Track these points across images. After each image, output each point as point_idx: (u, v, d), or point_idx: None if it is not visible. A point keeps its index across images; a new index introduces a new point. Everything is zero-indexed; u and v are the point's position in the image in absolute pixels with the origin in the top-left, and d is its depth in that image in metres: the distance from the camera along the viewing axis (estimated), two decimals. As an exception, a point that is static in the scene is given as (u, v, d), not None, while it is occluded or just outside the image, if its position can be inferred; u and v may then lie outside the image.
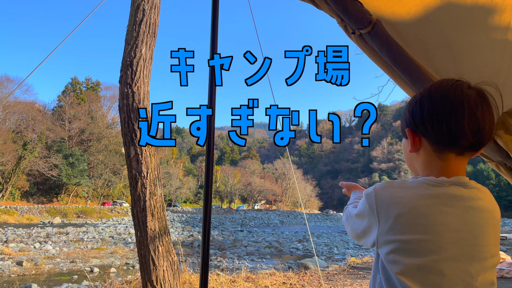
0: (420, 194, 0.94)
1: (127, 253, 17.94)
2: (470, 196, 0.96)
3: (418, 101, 1.02)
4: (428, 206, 0.92)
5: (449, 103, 0.95)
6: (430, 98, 0.99)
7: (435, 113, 0.97)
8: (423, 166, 1.03)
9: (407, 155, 1.11)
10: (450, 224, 0.91)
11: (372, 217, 0.97)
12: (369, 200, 0.99)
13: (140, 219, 5.01)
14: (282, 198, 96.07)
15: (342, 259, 16.20)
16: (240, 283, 6.80)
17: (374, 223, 0.97)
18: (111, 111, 73.47)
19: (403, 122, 1.09)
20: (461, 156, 0.99)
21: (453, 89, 0.97)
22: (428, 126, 0.98)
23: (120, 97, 5.30)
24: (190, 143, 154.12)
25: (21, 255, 15.75)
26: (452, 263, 0.89)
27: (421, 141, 1.02)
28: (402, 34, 1.92)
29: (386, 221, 0.93)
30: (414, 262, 0.89)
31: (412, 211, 0.91)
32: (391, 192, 0.96)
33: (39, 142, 53.36)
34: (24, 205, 48.56)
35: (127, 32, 5.49)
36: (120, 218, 47.52)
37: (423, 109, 0.99)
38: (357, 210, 1.06)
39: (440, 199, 0.93)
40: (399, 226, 0.91)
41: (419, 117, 1.00)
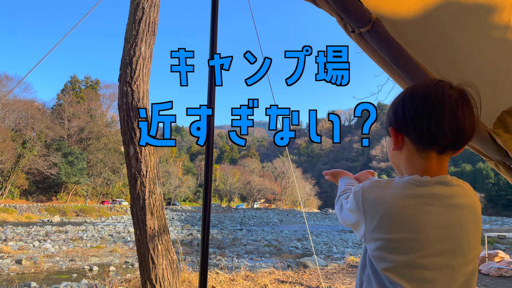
0: (404, 194, 0.96)
1: (126, 251, 17.94)
2: (452, 194, 0.99)
3: (401, 101, 1.04)
4: (412, 206, 0.95)
5: (430, 102, 0.98)
6: (412, 97, 1.02)
7: (416, 112, 0.99)
8: (406, 164, 1.06)
9: (390, 153, 1.14)
10: (433, 222, 0.94)
11: (359, 214, 1.01)
12: (356, 198, 1.02)
13: (139, 217, 5.01)
14: (281, 197, 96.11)
15: (341, 258, 16.22)
16: (239, 282, 6.80)
17: (361, 220, 1.00)
18: (110, 109, 73.43)
19: (387, 120, 1.11)
20: (442, 155, 1.02)
21: (435, 89, 0.99)
22: (410, 125, 1.00)
23: (119, 96, 5.29)
24: (189, 142, 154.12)
25: (20, 254, 15.75)
26: (435, 258, 0.93)
27: (403, 140, 1.05)
28: (402, 32, 1.92)
29: (372, 220, 0.97)
30: (399, 259, 0.93)
31: (397, 211, 0.94)
32: (377, 192, 0.99)
33: (38, 141, 53.32)
34: (23, 203, 48.55)
35: (127, 30, 5.48)
36: (120, 217, 47.52)
37: (405, 108, 1.02)
38: (347, 204, 1.09)
39: (424, 199, 0.96)
40: (384, 225, 0.95)
41: (401, 116, 1.03)
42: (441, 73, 1.97)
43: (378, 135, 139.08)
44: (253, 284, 6.64)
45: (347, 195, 1.18)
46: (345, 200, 1.14)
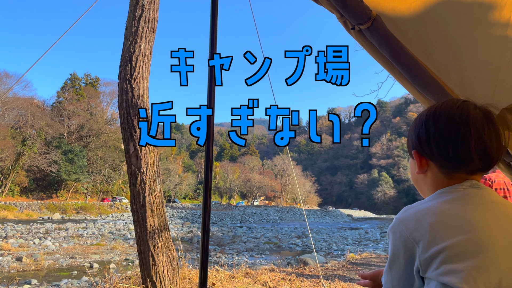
0: (441, 201, 0.92)
1: (127, 248, 17.98)
2: (487, 193, 0.94)
3: (424, 123, 0.99)
4: (454, 208, 0.90)
5: (455, 126, 0.93)
6: (435, 120, 0.97)
7: (441, 136, 0.95)
8: (432, 187, 1.01)
9: (414, 176, 1.08)
10: (484, 219, 0.88)
11: (408, 244, 0.88)
12: (396, 230, 0.91)
13: (139, 215, 5.02)
14: (281, 194, 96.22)
15: (341, 255, 16.26)
16: (239, 279, 6.82)
17: (413, 248, 0.87)
18: (110, 107, 73.38)
19: (409, 142, 1.06)
20: (472, 175, 0.97)
21: (459, 112, 0.95)
22: (434, 149, 0.96)
23: (119, 93, 5.29)
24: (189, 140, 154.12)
25: (20, 251, 15.78)
26: (505, 257, 0.84)
27: (428, 164, 1.00)
28: (402, 29, 1.91)
29: (422, 236, 0.86)
30: (470, 265, 0.81)
31: (443, 215, 0.88)
32: (414, 210, 0.92)
33: (38, 138, 53.33)
34: (23, 201, 48.61)
35: (126, 28, 5.47)
36: (120, 214, 47.59)
37: (429, 132, 0.97)
38: (388, 261, 0.95)
39: (463, 200, 0.92)
40: (437, 234, 0.85)
41: (425, 139, 0.98)
42: (441, 70, 1.97)
43: (378, 133, 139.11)
44: (253, 281, 6.65)
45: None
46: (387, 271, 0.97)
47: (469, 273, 0.80)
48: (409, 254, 0.88)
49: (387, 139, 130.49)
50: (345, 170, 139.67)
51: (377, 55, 2.01)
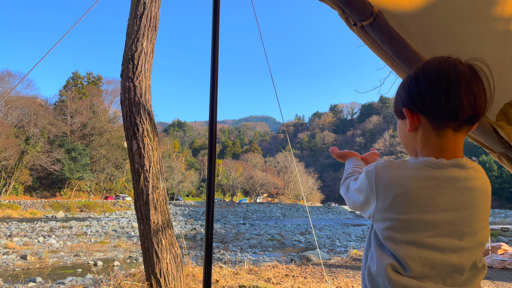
0: (419, 176, 0.97)
1: (130, 246, 18.05)
2: (466, 177, 0.99)
3: (414, 79, 1.03)
4: (426, 188, 0.96)
5: (445, 77, 0.97)
6: (426, 74, 1.01)
7: (432, 88, 0.99)
8: (422, 145, 1.06)
9: (403, 136, 1.13)
10: (446, 204, 0.96)
11: (371, 193, 1.01)
12: (369, 177, 1.02)
13: (143, 212, 5.04)
14: (284, 191, 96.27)
15: (344, 251, 16.26)
16: (243, 275, 6.84)
17: (372, 199, 1.01)
18: (112, 105, 73.54)
19: (399, 102, 1.09)
20: (458, 133, 1.02)
21: (447, 65, 0.99)
22: (427, 101, 0.99)
23: (121, 91, 5.30)
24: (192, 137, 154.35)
25: (25, 249, 15.87)
26: (444, 238, 0.95)
27: (419, 119, 1.04)
28: (404, 25, 1.91)
29: (384, 200, 0.98)
30: (408, 238, 0.95)
31: (411, 192, 0.95)
32: (392, 172, 0.99)
33: (41, 137, 53.49)
34: (27, 199, 48.82)
35: (128, 26, 5.47)
36: (123, 212, 47.73)
37: (419, 86, 1.01)
38: (356, 185, 1.09)
39: (438, 181, 0.97)
40: (397, 205, 0.96)
41: (416, 94, 1.01)
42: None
43: (381, 129, 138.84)
44: (256, 278, 6.67)
45: (355, 177, 1.18)
46: (353, 181, 1.15)
47: (404, 244, 0.94)
48: (370, 198, 1.02)
49: (390, 135, 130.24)
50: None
51: (379, 51, 2.01)
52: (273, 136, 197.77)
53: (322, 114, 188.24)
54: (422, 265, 0.94)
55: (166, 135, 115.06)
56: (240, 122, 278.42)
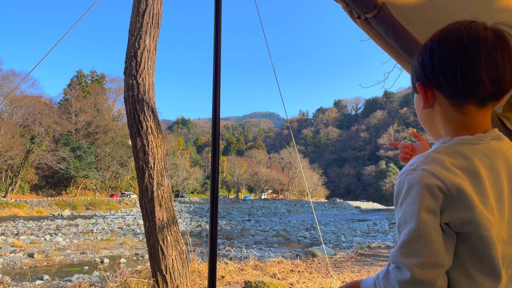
0: (466, 155, 0.82)
1: (136, 243, 18.14)
2: (507, 148, 0.88)
3: (428, 49, 0.90)
4: (480, 168, 0.81)
5: (463, 48, 0.83)
6: (441, 44, 0.87)
7: (447, 61, 0.85)
8: (444, 122, 0.92)
9: (421, 112, 0.99)
10: (501, 180, 0.83)
11: (445, 200, 0.78)
12: (431, 185, 0.78)
13: (148, 209, 5.05)
14: (288, 187, 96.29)
15: (349, 247, 16.26)
16: (248, 271, 6.85)
17: (449, 207, 0.78)
18: (116, 103, 73.72)
19: (413, 75, 0.97)
20: (483, 108, 0.88)
21: (467, 32, 0.84)
22: (441, 76, 0.87)
23: (125, 89, 5.31)
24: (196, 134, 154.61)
25: (32, 247, 15.99)
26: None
27: (434, 95, 0.92)
28: (408, 17, 1.89)
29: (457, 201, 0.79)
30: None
31: (474, 177, 0.80)
32: (440, 166, 0.80)
33: (46, 136, 53.78)
34: (33, 198, 49.15)
35: (131, 23, 5.47)
36: (129, 210, 47.96)
37: (433, 57, 0.88)
38: (416, 214, 0.78)
39: (487, 157, 0.83)
40: (465, 197, 0.78)
41: (429, 67, 0.89)
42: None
43: (385, 124, 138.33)
44: (262, 274, 6.68)
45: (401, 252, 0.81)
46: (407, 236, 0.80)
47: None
48: (446, 205, 0.79)
49: (395, 130, 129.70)
50: (352, 162, 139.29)
51: (384, 43, 1.99)
52: (277, 132, 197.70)
53: (326, 110, 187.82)
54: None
55: (170, 133, 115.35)
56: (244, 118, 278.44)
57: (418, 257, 0.75)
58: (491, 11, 1.77)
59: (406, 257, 0.77)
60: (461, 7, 1.80)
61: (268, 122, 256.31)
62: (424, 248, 0.76)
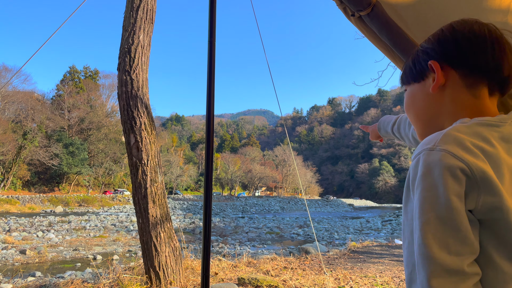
0: (487, 137, 0.77)
1: (130, 240, 18.09)
2: None
3: (448, 32, 0.88)
4: (499, 152, 0.76)
5: (487, 30, 0.84)
6: (464, 26, 0.86)
7: (475, 38, 0.83)
8: (455, 107, 0.87)
9: (421, 102, 0.93)
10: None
11: (468, 183, 0.71)
12: (453, 167, 0.71)
13: (141, 206, 5.04)
14: (282, 184, 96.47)
15: (342, 244, 16.34)
16: (242, 268, 6.87)
17: (473, 189, 0.71)
18: (110, 99, 73.33)
19: (420, 58, 0.92)
20: (492, 97, 0.87)
21: (481, 22, 0.86)
22: (468, 52, 0.84)
23: (118, 85, 5.28)
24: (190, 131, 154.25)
25: (24, 244, 15.88)
26: None
27: (447, 76, 0.87)
28: (402, 15, 1.90)
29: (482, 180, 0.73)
30: None
31: (494, 161, 0.74)
32: (462, 147, 0.74)
33: (39, 132, 53.38)
34: (25, 194, 48.80)
35: (125, 19, 5.43)
36: (122, 206, 47.79)
37: (457, 36, 0.85)
38: (443, 198, 0.70)
39: (505, 141, 0.78)
40: (489, 181, 0.72)
41: (453, 44, 0.85)
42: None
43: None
44: (255, 270, 6.70)
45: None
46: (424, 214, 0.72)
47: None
48: (471, 190, 0.72)
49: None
50: (346, 160, 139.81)
51: (378, 41, 2.00)
52: (271, 130, 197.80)
53: (320, 108, 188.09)
54: None
55: (164, 129, 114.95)
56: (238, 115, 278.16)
57: (444, 247, 0.69)
58: (484, 11, 1.78)
59: (429, 248, 0.70)
60: (455, 6, 1.81)
61: (262, 120, 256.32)
62: (450, 237, 0.69)
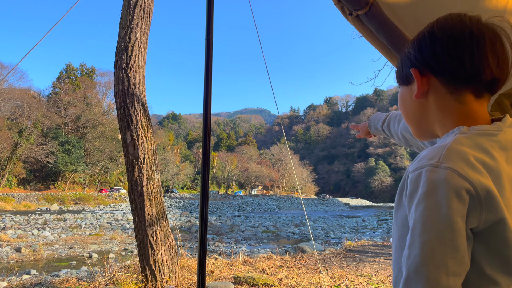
0: (487, 149, 0.76)
1: (125, 238, 18.04)
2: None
3: (427, 35, 0.85)
4: (499, 163, 0.75)
5: (468, 32, 0.80)
6: (444, 29, 0.82)
7: (452, 43, 0.80)
8: (441, 113, 0.86)
9: (410, 105, 0.92)
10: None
11: (471, 203, 0.70)
12: (457, 185, 0.69)
13: (137, 204, 5.03)
14: (279, 183, 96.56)
15: (338, 243, 16.38)
16: (238, 267, 6.87)
17: (476, 211, 0.70)
18: (106, 97, 73.13)
19: (405, 63, 0.90)
20: (481, 99, 0.84)
21: (469, 19, 0.82)
22: (444, 59, 0.81)
23: (115, 82, 5.26)
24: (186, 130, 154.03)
25: (19, 242, 15.81)
26: None
27: (429, 83, 0.85)
28: (399, 15, 1.90)
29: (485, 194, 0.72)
30: None
31: (495, 174, 0.73)
32: (465, 161, 0.72)
33: (34, 129, 53.13)
34: (21, 192, 48.58)
35: (122, 16, 5.41)
36: (118, 205, 47.67)
37: (435, 41, 0.82)
38: (444, 216, 0.69)
39: (503, 150, 0.77)
40: (492, 199, 0.71)
41: (430, 51, 0.83)
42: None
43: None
44: (251, 269, 6.70)
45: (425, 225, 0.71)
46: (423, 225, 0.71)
47: None
48: (472, 208, 0.70)
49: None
50: (342, 159, 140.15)
51: (375, 41, 2.00)
52: (268, 129, 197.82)
53: (317, 107, 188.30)
54: None
55: (160, 128, 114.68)
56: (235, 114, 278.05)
57: (442, 267, 0.68)
58: (481, 11, 1.78)
59: (427, 267, 0.69)
60: (451, 6, 1.81)
61: (259, 118, 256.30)
62: (449, 257, 0.68)
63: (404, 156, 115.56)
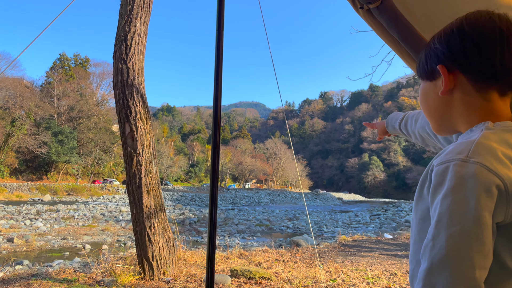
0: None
1: (118, 230, 17.99)
2: None
3: (457, 31, 0.84)
4: None
5: (498, 30, 0.80)
6: (473, 26, 0.82)
7: (483, 40, 0.80)
8: (466, 110, 0.86)
9: (433, 101, 0.92)
10: None
11: (499, 197, 0.70)
12: (486, 178, 0.70)
13: (135, 196, 5.00)
14: (272, 177, 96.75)
15: (331, 237, 16.46)
16: (234, 260, 6.88)
17: (502, 202, 0.71)
18: (100, 88, 72.59)
19: (431, 58, 0.90)
20: (504, 97, 0.84)
21: (497, 17, 0.82)
22: (474, 57, 0.81)
23: (114, 73, 5.20)
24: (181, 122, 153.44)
25: (11, 232, 15.71)
26: None
27: (456, 80, 0.85)
28: (411, 9, 1.89)
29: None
30: None
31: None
32: (495, 157, 0.73)
33: (27, 119, 52.62)
34: (13, 182, 48.24)
35: (121, 6, 5.34)
36: (111, 196, 47.52)
37: (465, 38, 0.82)
38: (472, 214, 0.69)
39: None
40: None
41: (459, 47, 0.83)
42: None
43: (370, 117, 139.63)
44: (247, 262, 6.72)
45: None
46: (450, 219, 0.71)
47: None
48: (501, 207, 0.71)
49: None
50: (336, 154, 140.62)
51: (385, 35, 1.98)
52: (263, 123, 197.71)
53: (312, 101, 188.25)
54: None
55: (155, 120, 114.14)
56: (230, 107, 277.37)
57: (468, 261, 0.68)
58: (493, 4, 1.77)
59: (453, 260, 0.69)
60: (463, 1, 1.80)
61: (254, 112, 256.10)
62: (475, 251, 0.69)
63: (397, 152, 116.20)
